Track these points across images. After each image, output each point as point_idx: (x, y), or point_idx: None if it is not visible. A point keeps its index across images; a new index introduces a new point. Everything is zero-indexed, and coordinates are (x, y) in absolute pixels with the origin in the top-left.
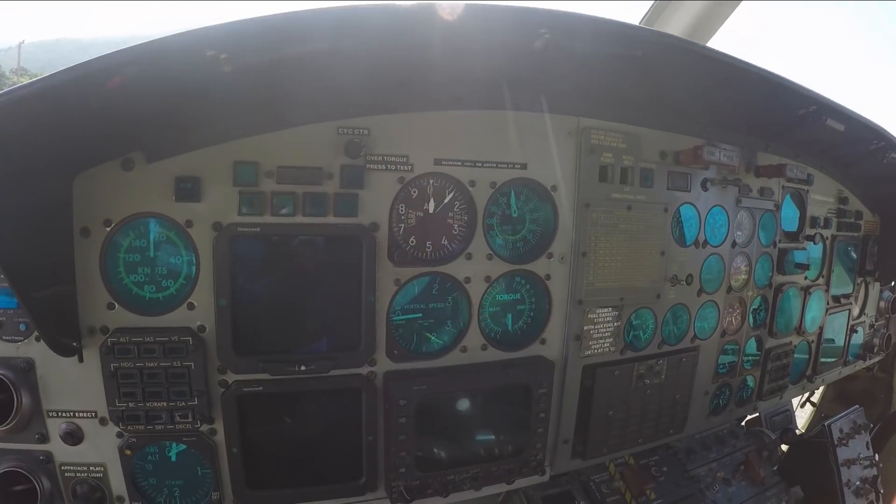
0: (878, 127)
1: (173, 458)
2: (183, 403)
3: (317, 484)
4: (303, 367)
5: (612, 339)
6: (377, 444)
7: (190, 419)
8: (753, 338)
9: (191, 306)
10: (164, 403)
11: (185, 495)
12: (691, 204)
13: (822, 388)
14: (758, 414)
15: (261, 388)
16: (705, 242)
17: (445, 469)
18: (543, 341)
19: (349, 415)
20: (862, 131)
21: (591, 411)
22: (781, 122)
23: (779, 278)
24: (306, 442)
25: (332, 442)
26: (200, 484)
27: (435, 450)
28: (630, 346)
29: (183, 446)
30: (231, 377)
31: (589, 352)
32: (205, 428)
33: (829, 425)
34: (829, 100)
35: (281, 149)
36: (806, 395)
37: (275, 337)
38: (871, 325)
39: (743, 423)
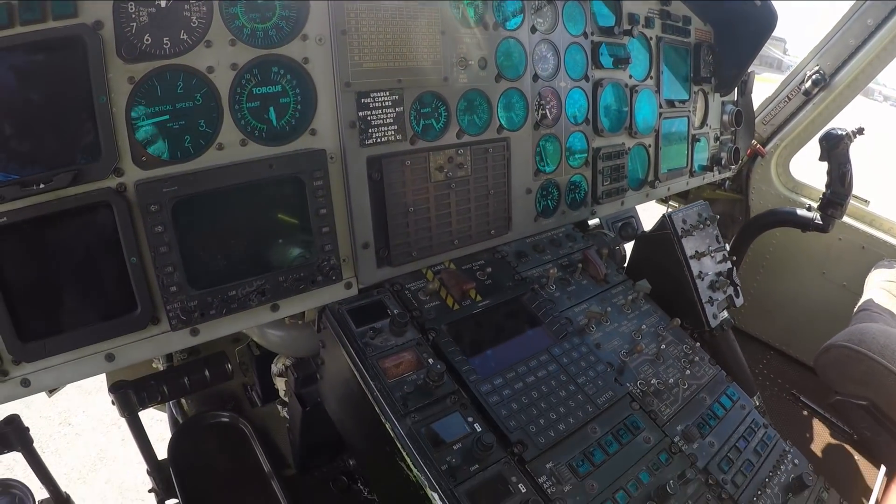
0: None
1: None
2: None
3: (93, 323)
4: (41, 186)
5: (396, 127)
6: (145, 266)
7: None
8: (577, 134)
9: None
10: None
11: None
12: None
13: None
14: (598, 220)
15: (4, 218)
16: (496, 25)
17: (223, 283)
18: (314, 132)
19: (109, 237)
20: None
21: (385, 208)
22: None
23: (597, 73)
24: (71, 277)
25: (99, 273)
26: None
27: (205, 260)
28: (421, 136)
29: None
30: None
31: (371, 141)
32: None
33: (670, 215)
34: None
35: None
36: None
37: (8, 158)
38: (717, 138)
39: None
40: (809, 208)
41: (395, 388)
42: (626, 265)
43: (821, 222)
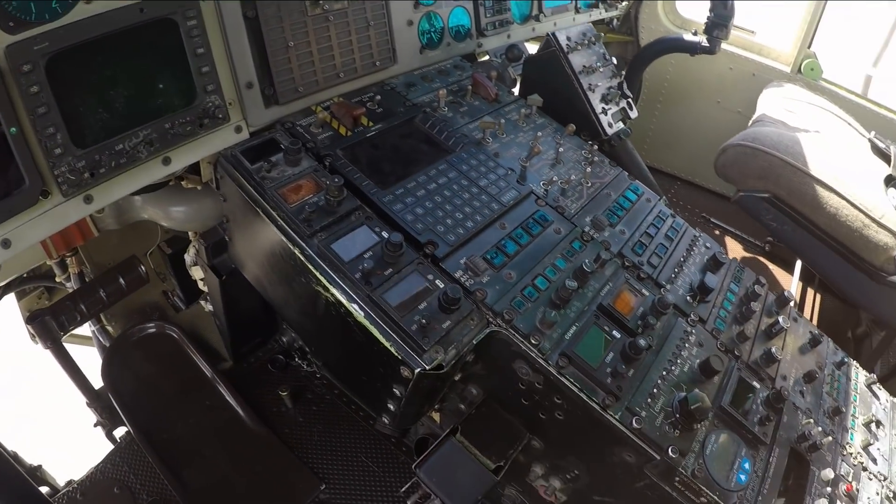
0: None
1: None
2: None
3: None
4: None
5: None
6: (25, 135)
7: None
8: None
9: None
10: None
11: None
12: None
13: None
14: (487, 57)
15: None
16: None
17: (109, 138)
18: None
19: None
20: None
21: (265, 45)
22: None
23: None
24: None
25: None
26: None
27: (87, 116)
28: None
29: None
30: None
31: None
32: None
33: (554, 34)
34: None
35: None
36: None
37: None
38: None
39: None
40: (696, 33)
41: (297, 212)
42: (517, 90)
43: (707, 44)
